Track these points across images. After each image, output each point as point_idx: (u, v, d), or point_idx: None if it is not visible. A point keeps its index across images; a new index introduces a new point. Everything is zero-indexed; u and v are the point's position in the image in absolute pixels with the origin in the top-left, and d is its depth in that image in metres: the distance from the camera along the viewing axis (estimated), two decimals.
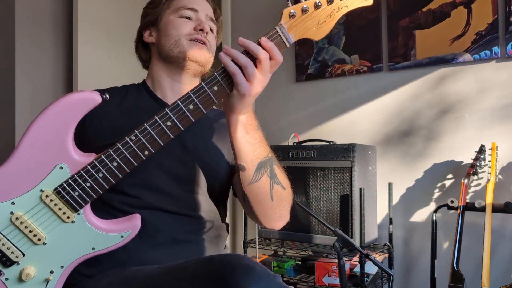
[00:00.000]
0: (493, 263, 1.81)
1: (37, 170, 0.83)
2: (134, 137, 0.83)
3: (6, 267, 0.84)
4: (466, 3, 1.98)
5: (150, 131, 0.84)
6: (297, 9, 0.82)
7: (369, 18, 2.24)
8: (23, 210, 0.83)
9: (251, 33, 2.67)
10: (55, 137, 0.83)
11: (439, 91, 2.05)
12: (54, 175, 0.83)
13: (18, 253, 0.84)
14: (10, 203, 0.83)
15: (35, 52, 2.36)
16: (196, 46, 1.09)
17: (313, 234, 1.98)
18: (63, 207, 0.84)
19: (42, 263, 0.85)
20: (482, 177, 1.91)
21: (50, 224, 0.84)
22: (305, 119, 2.45)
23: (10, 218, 0.83)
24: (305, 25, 0.83)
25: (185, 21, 1.11)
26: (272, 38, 0.84)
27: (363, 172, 1.96)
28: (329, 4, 0.83)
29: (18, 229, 0.83)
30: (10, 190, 0.83)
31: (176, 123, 0.84)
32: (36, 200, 0.83)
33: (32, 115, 2.57)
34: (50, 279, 0.85)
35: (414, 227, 2.09)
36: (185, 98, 0.84)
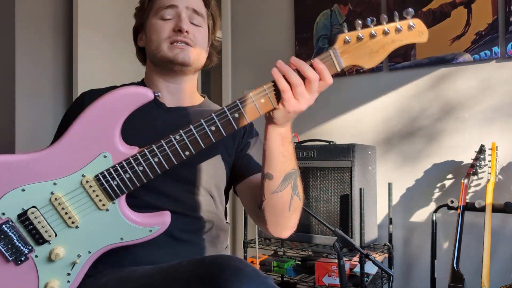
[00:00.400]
0: (493, 263, 1.81)
1: (82, 155, 0.86)
2: (178, 137, 0.86)
3: (38, 245, 0.86)
4: (466, 3, 1.98)
5: (194, 133, 0.86)
6: (352, 36, 0.85)
7: None
8: (63, 192, 0.86)
9: (251, 33, 2.68)
10: (103, 127, 0.86)
11: (439, 91, 2.05)
12: (97, 162, 0.86)
13: (52, 233, 0.86)
14: (52, 183, 0.86)
15: (35, 52, 2.36)
16: (176, 49, 1.06)
17: (313, 234, 1.98)
18: (100, 195, 0.86)
19: (72, 246, 0.87)
20: (482, 177, 1.91)
21: (85, 209, 0.87)
22: (305, 119, 2.45)
23: (50, 197, 0.85)
24: (358, 52, 0.86)
25: (164, 22, 1.08)
26: (324, 60, 0.85)
27: (363, 172, 1.96)
28: (384, 35, 0.85)
29: (55, 209, 0.86)
30: (54, 170, 0.86)
31: (220, 128, 0.86)
32: (76, 184, 0.86)
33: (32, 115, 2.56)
34: (76, 262, 0.87)
35: (414, 227, 2.09)
36: (232, 106, 0.86)
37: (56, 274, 0.87)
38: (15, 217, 0.85)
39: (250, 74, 2.69)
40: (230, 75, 2.77)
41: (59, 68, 2.46)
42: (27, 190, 0.85)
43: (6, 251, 0.85)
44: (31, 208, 0.85)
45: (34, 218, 0.85)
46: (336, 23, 2.35)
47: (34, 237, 0.86)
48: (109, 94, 0.87)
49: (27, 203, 0.85)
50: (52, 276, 0.87)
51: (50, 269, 0.87)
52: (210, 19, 1.15)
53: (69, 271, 0.87)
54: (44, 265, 0.87)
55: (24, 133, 2.26)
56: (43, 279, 0.87)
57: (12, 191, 0.85)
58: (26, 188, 0.85)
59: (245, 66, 2.72)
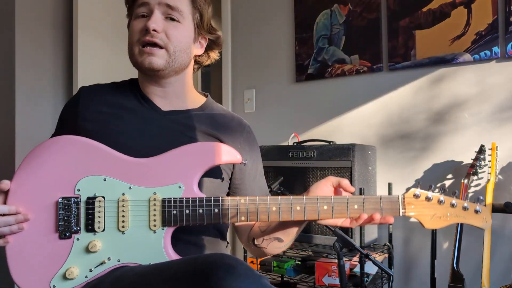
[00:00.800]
0: (493, 263, 1.81)
1: (163, 176, 0.93)
2: (244, 201, 0.93)
3: (85, 230, 0.91)
4: (466, 3, 1.98)
5: (257, 203, 0.93)
6: (422, 194, 0.94)
7: (369, 18, 2.24)
8: (131, 197, 0.92)
9: (251, 32, 2.67)
10: (192, 163, 0.94)
11: (439, 91, 2.05)
12: (171, 188, 0.93)
13: (102, 226, 0.91)
14: (128, 186, 0.93)
15: (35, 52, 2.36)
16: (144, 54, 1.01)
17: (313, 234, 1.98)
18: (157, 216, 0.92)
19: (109, 247, 0.91)
20: (482, 177, 1.91)
21: (139, 221, 0.92)
22: (305, 119, 2.45)
23: (120, 197, 0.92)
24: (422, 209, 0.95)
25: (137, 23, 1.02)
26: (392, 201, 0.94)
27: (363, 172, 1.96)
28: (451, 207, 0.95)
29: (117, 209, 0.92)
30: (135, 177, 0.93)
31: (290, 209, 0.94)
32: (145, 197, 0.92)
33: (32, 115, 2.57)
34: (104, 263, 0.90)
35: (414, 227, 2.09)
36: (323, 199, 0.94)
37: (81, 264, 0.90)
38: (85, 198, 0.92)
39: (250, 74, 2.69)
40: (230, 75, 2.77)
41: (59, 68, 2.46)
42: (107, 181, 0.93)
43: (59, 221, 0.90)
44: (101, 197, 0.92)
45: (97, 206, 0.91)
46: (336, 23, 2.35)
47: (87, 222, 0.91)
48: (215, 144, 0.96)
49: (100, 191, 0.92)
50: (77, 264, 0.90)
51: (80, 256, 0.90)
52: (196, 12, 1.07)
53: (92, 268, 0.90)
54: (78, 250, 0.90)
55: (24, 133, 2.26)
56: (69, 261, 0.90)
57: (96, 176, 0.93)
58: (108, 179, 0.93)
59: (245, 66, 2.72)
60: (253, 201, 0.93)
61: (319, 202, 0.93)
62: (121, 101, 1.08)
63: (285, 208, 0.93)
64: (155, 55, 1.01)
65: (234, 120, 1.15)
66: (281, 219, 0.93)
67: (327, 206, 0.93)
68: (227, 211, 0.92)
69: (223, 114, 1.14)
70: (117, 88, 1.12)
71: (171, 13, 1.02)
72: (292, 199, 0.93)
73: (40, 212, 0.91)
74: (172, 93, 1.09)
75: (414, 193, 0.93)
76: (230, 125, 1.12)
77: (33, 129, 2.31)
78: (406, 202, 0.93)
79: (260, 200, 0.93)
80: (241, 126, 1.14)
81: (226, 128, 1.11)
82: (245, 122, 1.17)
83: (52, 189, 0.91)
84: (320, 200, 0.93)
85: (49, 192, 0.91)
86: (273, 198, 0.93)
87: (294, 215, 0.93)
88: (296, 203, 0.93)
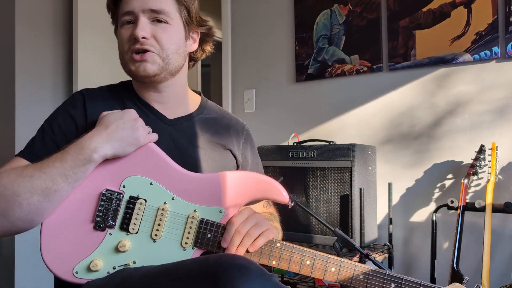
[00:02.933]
0: (493, 263, 1.81)
1: (206, 195, 0.93)
2: (279, 245, 0.91)
3: (120, 228, 0.91)
4: (466, 3, 1.98)
5: (291, 252, 0.91)
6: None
7: (369, 18, 2.24)
8: (172, 209, 0.92)
9: (251, 32, 2.67)
10: (240, 192, 0.93)
11: (439, 91, 2.05)
12: (212, 210, 0.93)
13: (136, 228, 0.91)
14: (171, 197, 0.93)
15: (35, 52, 2.36)
16: (136, 62, 0.99)
17: (313, 234, 1.98)
18: (191, 234, 0.91)
19: (137, 251, 0.90)
20: (482, 177, 1.91)
21: (172, 235, 0.91)
22: (305, 119, 2.45)
23: (161, 205, 0.92)
24: None
25: (124, 31, 1.01)
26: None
27: (363, 172, 1.96)
28: None
29: (155, 216, 0.91)
30: (181, 189, 0.93)
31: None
32: (185, 212, 0.92)
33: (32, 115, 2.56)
34: (128, 265, 0.90)
35: (414, 227, 2.09)
36: (360, 267, 0.90)
37: (106, 259, 0.89)
38: (127, 196, 0.92)
39: (250, 74, 2.69)
40: (230, 75, 2.77)
41: (59, 68, 2.46)
42: (153, 186, 0.93)
43: (98, 212, 0.90)
44: (143, 199, 0.92)
45: (137, 208, 0.91)
46: (336, 23, 2.35)
47: (123, 220, 0.91)
48: (267, 180, 0.95)
49: (144, 193, 0.92)
50: (103, 258, 0.89)
51: (107, 252, 0.90)
52: (183, 8, 1.04)
53: (116, 266, 0.90)
54: (107, 245, 0.90)
55: (24, 134, 2.26)
56: (96, 253, 0.90)
57: (144, 177, 0.93)
58: (154, 184, 0.93)
59: (245, 66, 2.72)
60: (289, 248, 0.90)
61: (355, 269, 0.89)
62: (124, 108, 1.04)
63: (319, 265, 0.90)
64: (147, 61, 0.99)
65: (232, 120, 1.17)
66: (312, 275, 0.90)
67: (363, 276, 0.89)
68: (260, 250, 0.90)
69: (221, 116, 1.16)
70: (115, 92, 1.09)
71: (157, 16, 1.00)
72: (328, 258, 0.90)
73: (85, 198, 0.91)
74: (172, 97, 1.08)
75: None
76: (231, 127, 1.15)
77: (33, 129, 2.30)
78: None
79: (296, 249, 0.90)
80: (239, 126, 1.17)
81: (228, 131, 1.13)
82: (241, 121, 1.20)
83: (101, 179, 0.91)
84: (357, 267, 0.90)
85: (97, 182, 0.91)
86: (309, 251, 0.90)
87: (327, 275, 0.89)
88: (331, 264, 0.90)
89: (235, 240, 0.88)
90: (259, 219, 0.92)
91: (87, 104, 1.02)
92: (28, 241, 2.20)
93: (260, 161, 1.25)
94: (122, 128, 0.90)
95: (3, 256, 2.26)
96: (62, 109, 1.03)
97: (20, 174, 0.86)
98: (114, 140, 0.89)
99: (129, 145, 0.91)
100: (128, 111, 0.94)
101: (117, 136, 0.90)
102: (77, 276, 0.88)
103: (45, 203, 0.86)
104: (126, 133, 0.90)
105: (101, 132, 0.89)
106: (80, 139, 0.89)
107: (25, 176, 0.86)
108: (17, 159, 0.96)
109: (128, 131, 0.91)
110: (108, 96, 1.07)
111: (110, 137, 0.89)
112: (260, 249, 0.90)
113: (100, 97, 1.05)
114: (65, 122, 1.00)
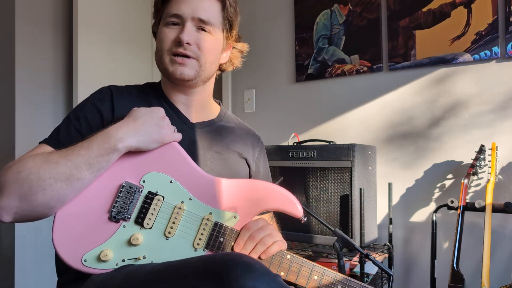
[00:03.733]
0: (493, 263, 1.81)
1: (223, 199, 0.94)
2: (290, 257, 0.92)
3: (134, 221, 0.91)
4: (466, 3, 1.98)
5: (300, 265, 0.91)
6: None
7: (369, 18, 2.24)
8: (188, 208, 0.93)
9: (251, 33, 2.67)
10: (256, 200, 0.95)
11: (439, 91, 2.05)
12: (227, 215, 0.94)
13: (151, 223, 0.92)
14: (189, 197, 0.94)
15: (35, 52, 2.36)
16: (176, 64, 1.03)
17: (313, 234, 1.98)
18: (204, 236, 0.92)
19: (149, 246, 0.91)
20: (482, 177, 1.91)
21: (185, 234, 0.92)
22: (305, 119, 2.45)
23: (177, 204, 0.93)
24: None
25: (169, 31, 1.03)
26: None
27: (363, 172, 1.96)
28: None
29: (171, 214, 0.92)
30: (198, 189, 0.94)
31: None
32: (201, 213, 0.93)
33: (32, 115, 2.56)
34: (138, 259, 0.90)
35: (414, 227, 2.09)
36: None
37: (117, 251, 0.90)
38: (146, 191, 0.92)
39: (250, 74, 2.69)
40: (230, 75, 2.77)
41: (59, 68, 2.46)
42: (173, 184, 0.94)
43: (115, 203, 0.91)
44: (161, 196, 0.93)
45: (154, 203, 0.92)
46: (336, 23, 2.35)
47: (139, 214, 0.91)
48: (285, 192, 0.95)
49: (162, 190, 0.93)
50: (114, 249, 0.90)
51: (119, 244, 0.90)
52: (226, 22, 1.11)
53: (126, 259, 0.90)
54: (120, 237, 0.90)
55: (24, 134, 2.26)
56: (108, 244, 0.90)
57: (165, 174, 0.94)
58: (174, 183, 0.94)
59: (245, 66, 2.71)
60: (298, 261, 0.91)
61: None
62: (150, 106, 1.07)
63: (326, 282, 0.91)
64: (186, 65, 1.03)
65: (250, 132, 1.24)
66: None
67: None
68: (270, 259, 0.91)
69: (239, 127, 1.21)
70: (141, 92, 1.11)
71: (203, 26, 1.04)
72: (336, 276, 0.91)
73: (103, 188, 0.91)
74: (197, 102, 1.12)
75: None
76: (248, 138, 1.21)
77: (33, 130, 2.31)
78: None
79: (305, 263, 0.91)
80: (255, 138, 1.24)
81: (244, 141, 1.19)
82: (257, 133, 1.27)
83: (121, 171, 0.92)
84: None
85: (118, 174, 0.92)
86: (318, 266, 0.91)
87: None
88: (338, 282, 0.91)
89: (248, 246, 0.90)
90: (272, 230, 0.94)
91: (114, 99, 1.04)
92: (28, 241, 2.20)
93: (270, 172, 1.29)
94: (150, 124, 0.92)
95: (3, 256, 2.26)
96: (89, 101, 1.05)
97: (46, 160, 0.87)
98: (140, 133, 0.91)
99: (153, 141, 0.92)
100: (156, 108, 0.96)
101: (144, 130, 0.91)
102: (85, 264, 0.88)
103: (67, 189, 0.86)
104: (152, 129, 0.92)
105: (129, 124, 0.91)
106: (107, 129, 0.91)
107: (51, 162, 0.86)
108: (41, 146, 0.97)
109: (155, 127, 0.92)
110: (135, 94, 1.09)
111: (137, 130, 0.91)
112: (270, 258, 0.91)
113: (127, 94, 1.07)
114: (92, 114, 1.02)
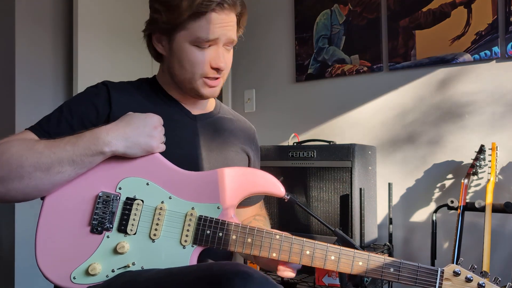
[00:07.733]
0: (493, 263, 1.81)
1: (205, 194, 0.93)
2: (279, 237, 0.90)
3: (117, 230, 0.90)
4: (466, 3, 1.98)
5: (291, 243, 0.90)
6: (463, 273, 0.90)
7: (369, 18, 2.24)
8: (169, 208, 0.92)
9: (251, 32, 2.67)
10: (236, 187, 0.94)
11: (439, 91, 2.05)
12: (209, 207, 0.92)
13: (134, 229, 0.91)
14: (168, 196, 0.93)
15: (35, 51, 2.36)
16: (208, 87, 1.04)
17: (313, 234, 1.97)
18: (190, 232, 0.91)
19: (136, 252, 0.90)
20: (482, 177, 1.91)
21: (171, 233, 0.91)
22: (305, 119, 2.45)
23: (158, 204, 0.92)
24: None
25: (201, 54, 1.01)
26: (430, 273, 0.89)
27: (363, 172, 1.96)
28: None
29: (153, 216, 0.91)
30: (177, 188, 0.93)
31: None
32: (183, 210, 0.92)
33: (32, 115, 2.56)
34: (128, 267, 0.89)
35: (414, 227, 2.09)
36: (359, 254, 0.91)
37: (105, 262, 0.89)
38: (124, 197, 0.91)
39: (250, 74, 2.69)
40: (230, 75, 2.77)
41: (59, 68, 2.46)
42: (150, 186, 0.93)
43: (94, 215, 0.90)
44: (140, 200, 0.92)
45: (134, 209, 0.91)
46: (336, 23, 2.35)
47: (120, 222, 0.90)
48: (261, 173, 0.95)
49: (140, 194, 0.92)
50: (101, 261, 0.89)
51: (106, 255, 0.89)
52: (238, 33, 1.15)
53: (115, 269, 0.89)
54: (106, 248, 0.89)
55: None
56: (95, 257, 0.89)
57: (140, 178, 0.93)
58: (150, 184, 0.93)
59: (245, 66, 2.71)
60: (288, 239, 0.90)
61: (355, 257, 0.90)
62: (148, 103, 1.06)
63: (319, 255, 0.89)
64: (217, 86, 1.06)
65: (246, 123, 1.24)
66: (313, 265, 0.89)
67: (362, 263, 0.90)
68: (259, 242, 0.90)
69: (236, 118, 1.22)
70: (140, 88, 1.09)
71: (230, 46, 1.07)
72: (328, 247, 0.90)
73: (80, 201, 0.90)
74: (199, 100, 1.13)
75: (454, 270, 0.90)
76: (245, 129, 1.21)
77: None
78: (444, 277, 0.90)
79: (295, 240, 0.90)
80: (252, 130, 1.24)
81: (243, 132, 1.19)
82: (252, 126, 1.27)
83: (96, 181, 0.91)
84: (357, 255, 0.91)
85: (93, 184, 0.91)
86: (308, 241, 0.90)
87: (327, 264, 0.89)
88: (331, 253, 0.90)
89: None
90: None
91: (111, 92, 1.02)
92: (28, 242, 2.20)
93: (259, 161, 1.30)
94: (141, 132, 0.92)
95: (3, 256, 2.26)
96: (85, 96, 1.03)
97: (31, 148, 0.87)
98: (129, 140, 0.90)
99: (141, 150, 0.92)
100: (152, 117, 0.95)
101: (133, 137, 0.91)
102: (75, 281, 0.87)
103: (45, 180, 0.86)
104: (142, 139, 0.92)
105: (120, 129, 0.91)
106: (97, 129, 0.90)
107: (35, 152, 0.86)
108: (26, 133, 0.96)
109: (145, 138, 0.92)
110: (133, 90, 1.07)
111: (127, 136, 0.90)
112: (260, 242, 0.90)
113: (124, 90, 1.06)
114: (87, 109, 1.00)
